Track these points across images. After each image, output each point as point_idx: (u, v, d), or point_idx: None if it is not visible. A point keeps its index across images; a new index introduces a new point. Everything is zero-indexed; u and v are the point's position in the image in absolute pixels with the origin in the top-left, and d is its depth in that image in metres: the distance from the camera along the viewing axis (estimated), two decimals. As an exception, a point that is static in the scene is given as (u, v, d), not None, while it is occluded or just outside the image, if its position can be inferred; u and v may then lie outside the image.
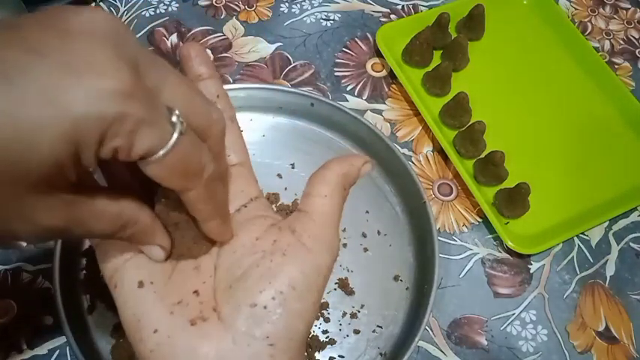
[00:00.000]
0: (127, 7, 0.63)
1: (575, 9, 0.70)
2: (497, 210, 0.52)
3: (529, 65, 0.63)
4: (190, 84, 0.22)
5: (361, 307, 0.47)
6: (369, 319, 0.47)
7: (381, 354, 0.45)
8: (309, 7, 0.65)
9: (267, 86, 0.55)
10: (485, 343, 0.48)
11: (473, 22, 0.62)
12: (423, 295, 0.46)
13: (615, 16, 0.70)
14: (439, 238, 0.49)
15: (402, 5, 0.67)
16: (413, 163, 0.56)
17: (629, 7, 0.71)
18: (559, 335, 0.49)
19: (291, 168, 0.53)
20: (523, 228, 0.52)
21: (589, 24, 0.69)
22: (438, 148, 0.57)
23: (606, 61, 0.64)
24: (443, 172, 0.56)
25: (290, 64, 0.61)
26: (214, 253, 0.26)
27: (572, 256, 0.53)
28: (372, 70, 0.62)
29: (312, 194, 0.25)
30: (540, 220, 0.53)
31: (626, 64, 0.66)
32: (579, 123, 0.60)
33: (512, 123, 0.58)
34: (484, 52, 0.63)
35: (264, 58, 0.61)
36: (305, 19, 0.65)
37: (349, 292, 0.47)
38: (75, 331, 0.41)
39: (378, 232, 0.51)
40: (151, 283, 0.24)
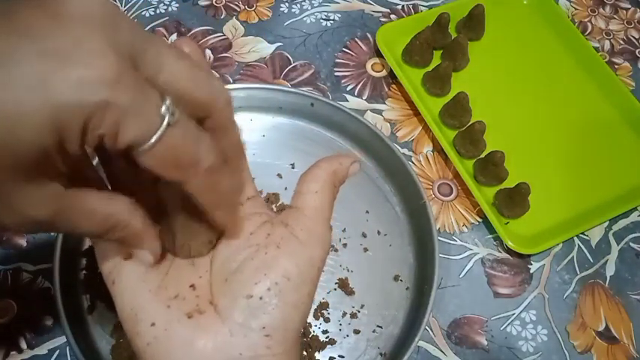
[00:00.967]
0: (127, 7, 0.63)
1: (575, 9, 0.70)
2: (497, 210, 0.52)
3: (529, 65, 0.63)
4: (190, 59, 0.22)
5: (361, 307, 0.47)
6: (369, 319, 0.47)
7: (381, 354, 0.45)
8: (309, 7, 0.65)
9: (267, 86, 0.55)
10: (485, 343, 0.48)
11: (473, 22, 0.62)
12: (423, 295, 0.46)
13: (615, 16, 0.70)
14: (439, 238, 0.49)
15: (402, 5, 0.67)
16: (413, 163, 0.56)
17: (629, 7, 0.71)
18: (559, 335, 0.49)
19: (291, 168, 0.53)
20: (523, 228, 0.52)
21: (589, 24, 0.69)
22: (438, 148, 0.57)
23: (606, 61, 0.64)
24: (443, 172, 0.56)
25: (290, 64, 0.61)
26: None
27: (572, 256, 0.53)
28: (372, 70, 0.62)
29: (302, 192, 0.26)
30: (540, 220, 0.53)
31: (626, 64, 0.66)
32: (579, 123, 0.60)
33: (512, 123, 0.58)
34: (484, 52, 0.63)
35: (264, 58, 0.61)
36: (305, 19, 0.65)
37: (349, 292, 0.47)
38: (75, 331, 0.41)
39: (378, 232, 0.51)
40: (148, 278, 0.24)
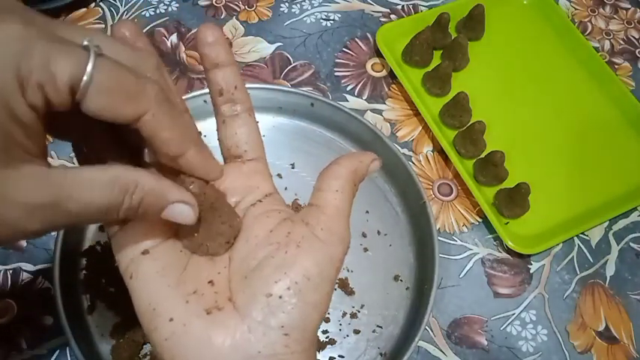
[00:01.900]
0: (127, 7, 0.63)
1: (575, 9, 0.70)
2: (497, 210, 0.52)
3: (529, 65, 0.63)
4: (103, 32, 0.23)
5: (361, 307, 0.47)
6: (369, 319, 0.47)
7: (381, 354, 0.45)
8: (309, 7, 0.65)
9: (268, 86, 0.55)
10: (485, 343, 0.48)
11: (473, 22, 0.62)
12: (423, 295, 0.46)
13: (615, 16, 0.70)
14: (439, 238, 0.49)
15: (402, 5, 0.67)
16: (413, 163, 0.56)
17: (629, 7, 0.71)
18: (559, 335, 0.49)
19: (291, 168, 0.53)
20: (523, 228, 0.52)
21: (589, 24, 0.69)
22: (438, 148, 0.57)
23: (606, 61, 0.64)
24: (443, 172, 0.56)
25: (290, 64, 0.61)
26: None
27: (572, 256, 0.53)
28: (372, 70, 0.62)
29: (323, 189, 0.26)
30: (540, 220, 0.53)
31: (626, 64, 0.66)
32: (579, 123, 0.60)
33: (512, 123, 0.58)
34: (484, 52, 0.63)
35: (264, 58, 0.61)
36: (305, 19, 0.64)
37: (349, 292, 0.47)
38: (75, 331, 0.41)
39: (378, 232, 0.51)
40: (167, 273, 0.24)
